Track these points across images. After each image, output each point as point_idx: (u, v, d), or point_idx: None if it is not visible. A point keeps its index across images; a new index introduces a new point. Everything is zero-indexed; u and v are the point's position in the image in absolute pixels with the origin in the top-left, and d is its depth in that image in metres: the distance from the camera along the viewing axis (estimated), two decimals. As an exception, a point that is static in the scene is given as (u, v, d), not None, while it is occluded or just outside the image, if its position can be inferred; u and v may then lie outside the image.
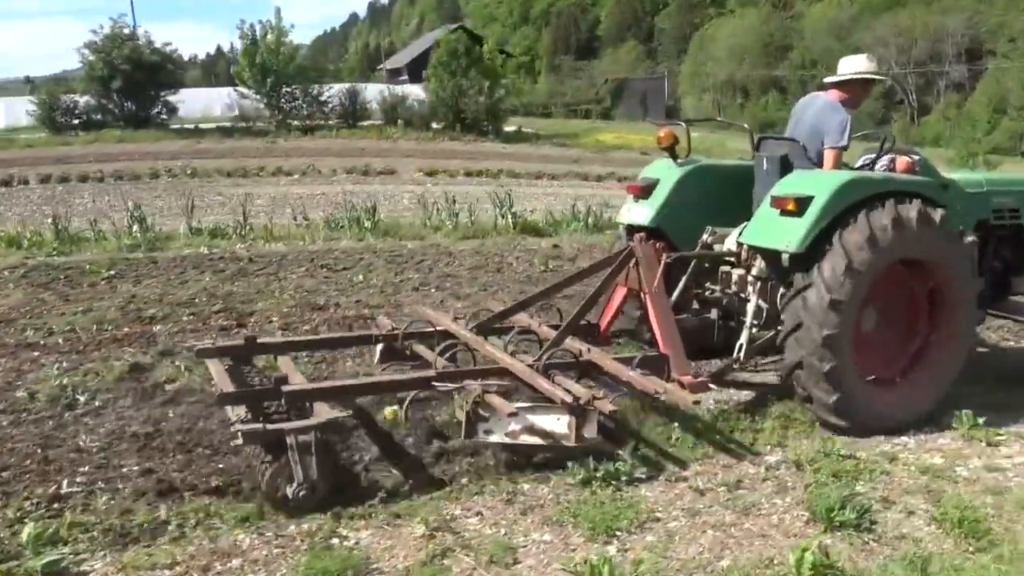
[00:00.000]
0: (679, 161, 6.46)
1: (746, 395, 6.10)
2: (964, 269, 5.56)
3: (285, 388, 4.94)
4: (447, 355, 5.69)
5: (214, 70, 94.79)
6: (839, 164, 5.87)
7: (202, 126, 42.99)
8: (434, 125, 45.75)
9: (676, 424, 5.50)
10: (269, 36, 45.31)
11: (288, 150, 34.03)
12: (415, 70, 75.35)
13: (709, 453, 5.18)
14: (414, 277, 10.48)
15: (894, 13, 71.03)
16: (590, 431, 4.77)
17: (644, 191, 6.46)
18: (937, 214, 5.34)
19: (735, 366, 5.72)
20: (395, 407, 5.54)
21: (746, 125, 6.90)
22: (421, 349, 5.96)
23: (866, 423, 5.29)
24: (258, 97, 44.80)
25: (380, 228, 13.85)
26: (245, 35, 45.48)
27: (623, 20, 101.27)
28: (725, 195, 6.37)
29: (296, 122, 44.15)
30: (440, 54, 48.26)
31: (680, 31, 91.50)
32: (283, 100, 45.31)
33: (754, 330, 5.69)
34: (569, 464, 4.80)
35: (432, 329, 6.15)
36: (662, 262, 5.75)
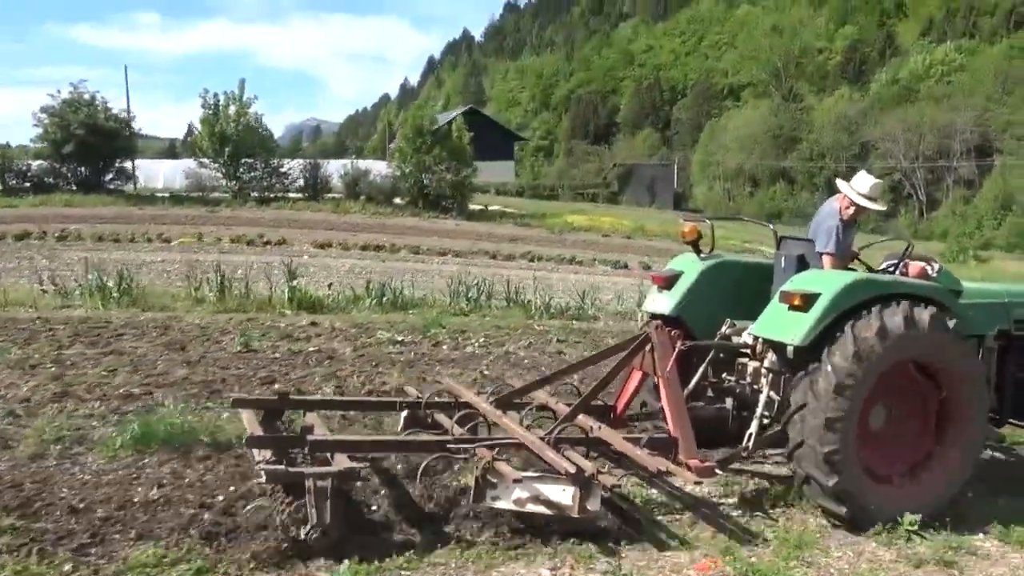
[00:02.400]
0: (702, 255, 6.61)
1: (753, 483, 6.15)
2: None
3: (310, 437, 5.18)
4: (468, 426, 5.85)
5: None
6: (838, 266, 6.02)
7: (159, 194, 43.71)
8: (397, 201, 45.77)
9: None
10: (231, 107, 45.42)
11: (224, 219, 34.78)
12: None
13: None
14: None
15: (904, 108, 71.95)
16: (593, 504, 4.84)
17: (667, 282, 6.61)
18: (942, 318, 5.41)
19: (743, 454, 5.77)
20: None
21: (770, 225, 7.06)
22: (442, 418, 6.13)
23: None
24: (216, 166, 44.80)
25: (132, 296, 13.20)
26: (207, 104, 45.50)
27: (641, 109, 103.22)
28: (745, 290, 6.50)
29: (255, 193, 44.29)
30: (406, 131, 47.84)
31: (695, 121, 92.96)
32: (241, 171, 45.35)
33: (765, 421, 5.75)
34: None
35: (453, 400, 6.30)
36: (676, 348, 5.85)
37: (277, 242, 28.35)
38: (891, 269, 6.28)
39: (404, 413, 6.36)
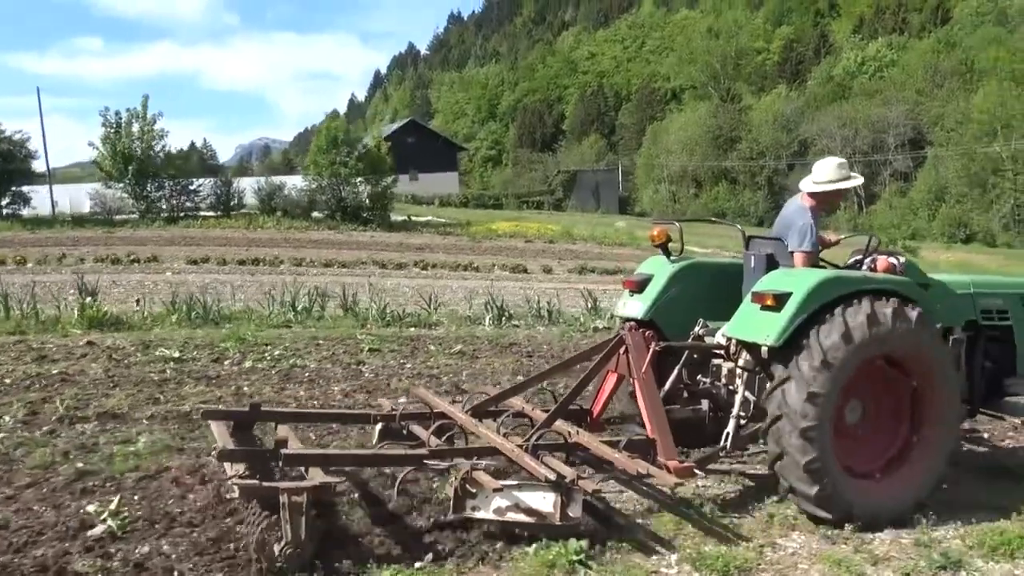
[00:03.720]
0: (672, 258, 6.57)
1: (732, 483, 6.12)
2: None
3: (284, 451, 5.03)
4: (443, 436, 5.77)
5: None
6: (808, 265, 6.00)
7: (65, 218, 42.40)
8: (316, 215, 44.89)
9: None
10: (135, 125, 43.97)
11: (115, 239, 34.10)
12: None
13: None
14: None
15: (838, 105, 73.32)
16: (575, 510, 4.77)
17: (639, 286, 6.56)
18: (913, 312, 5.41)
19: (721, 454, 5.73)
20: None
21: (737, 225, 7.05)
22: (417, 429, 6.01)
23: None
24: (121, 187, 43.33)
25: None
26: (108, 123, 43.79)
27: (587, 115, 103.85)
28: (716, 291, 6.46)
29: (165, 212, 43.26)
30: (320, 142, 46.66)
31: (640, 125, 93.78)
32: (149, 190, 44.06)
33: (741, 420, 5.72)
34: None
35: (428, 411, 6.17)
36: (651, 350, 5.80)
37: (147, 259, 27.53)
38: (860, 264, 6.28)
39: (378, 426, 6.23)
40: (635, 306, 6.51)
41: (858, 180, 6.44)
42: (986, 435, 7.92)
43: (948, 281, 6.43)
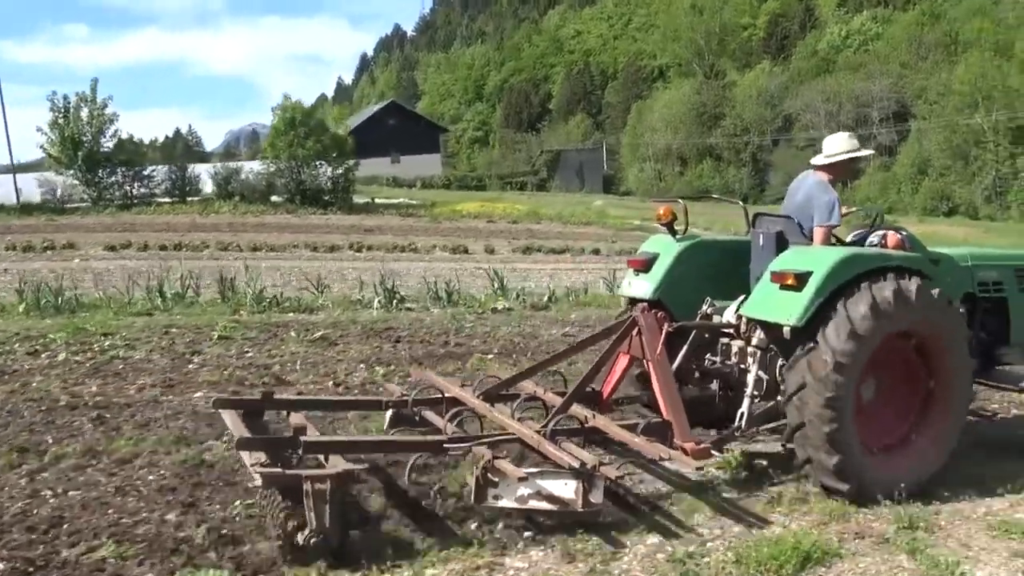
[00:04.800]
0: (678, 236, 6.48)
1: (747, 463, 5.99)
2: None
3: (303, 438, 5.00)
4: (455, 421, 5.69)
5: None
6: (828, 240, 5.94)
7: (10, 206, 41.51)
8: (275, 199, 44.10)
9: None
10: (84, 109, 42.78)
11: (54, 226, 33.56)
12: None
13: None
14: None
15: (822, 79, 72.97)
16: (597, 496, 4.70)
17: (645, 265, 6.47)
18: (931, 288, 5.38)
19: (736, 434, 5.67)
20: None
21: (740, 203, 6.95)
22: (430, 415, 5.95)
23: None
24: (71, 173, 42.26)
25: None
26: (56, 107, 42.45)
27: (573, 95, 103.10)
28: (722, 269, 6.40)
29: (119, 199, 42.37)
30: (277, 124, 45.59)
31: (626, 104, 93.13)
32: (101, 176, 43.01)
33: (755, 400, 5.65)
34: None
35: (440, 396, 6.09)
36: (664, 331, 5.72)
37: (63, 246, 26.61)
38: (863, 241, 6.22)
39: (389, 412, 6.16)
40: (642, 286, 6.43)
41: (869, 151, 6.38)
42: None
43: (947, 254, 6.44)
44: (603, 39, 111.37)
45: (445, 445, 5.18)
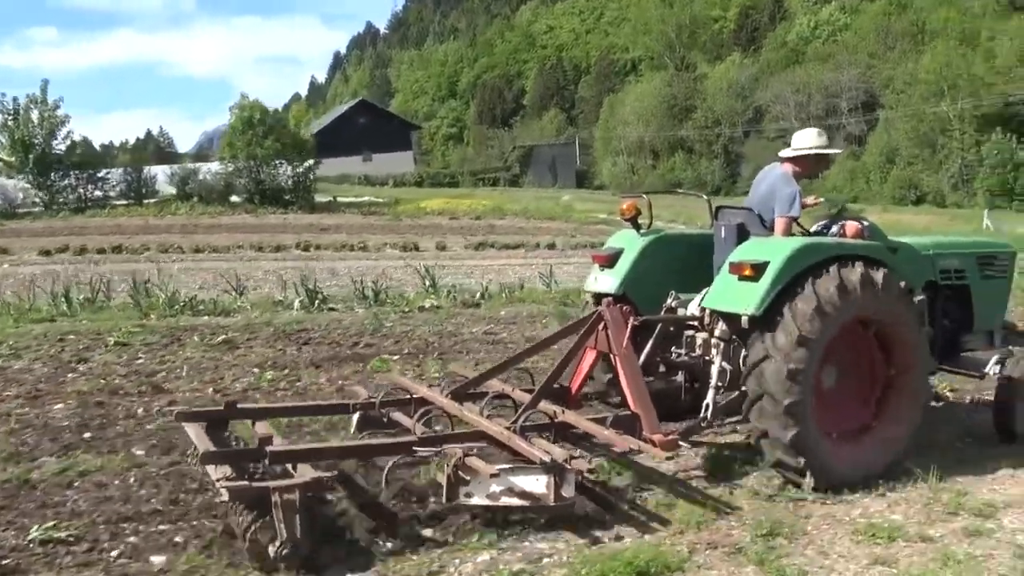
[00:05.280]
0: (642, 231, 6.51)
1: (713, 452, 6.11)
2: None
3: (269, 448, 4.89)
4: (423, 421, 5.63)
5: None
6: (789, 231, 6.00)
7: None
8: (235, 199, 43.52)
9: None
10: (34, 112, 41.90)
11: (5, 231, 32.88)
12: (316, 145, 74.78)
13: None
14: None
15: (791, 71, 73.35)
16: (568, 491, 4.71)
17: (609, 260, 6.50)
18: (886, 275, 5.44)
19: (703, 424, 5.72)
20: None
21: (704, 196, 7.00)
22: (399, 416, 5.90)
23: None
24: (22, 177, 41.43)
25: None
26: (5, 110, 41.67)
27: (546, 90, 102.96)
28: (686, 262, 6.46)
29: (72, 203, 41.65)
30: (235, 124, 44.83)
31: (599, 98, 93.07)
32: (54, 179, 42.24)
33: (720, 390, 5.70)
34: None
35: (408, 397, 6.06)
36: (629, 325, 5.75)
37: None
38: (826, 231, 6.31)
39: (357, 415, 6.09)
40: (607, 281, 6.47)
41: (837, 149, 6.45)
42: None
43: (909, 243, 6.56)
44: (575, 34, 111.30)
45: (415, 446, 5.14)
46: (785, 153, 6.31)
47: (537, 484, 4.69)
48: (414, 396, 6.04)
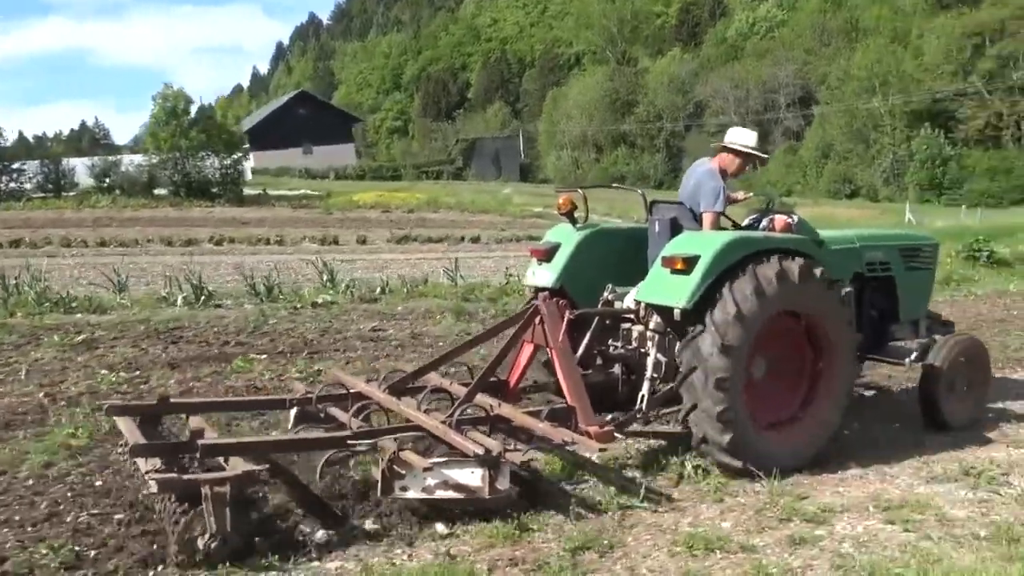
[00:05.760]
0: (578, 226, 6.55)
1: (650, 444, 6.18)
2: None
3: (201, 442, 4.85)
4: (361, 416, 5.63)
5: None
6: (716, 225, 6.10)
7: None
8: (161, 192, 42.61)
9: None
10: None
11: None
12: (255, 136, 72.68)
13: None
14: None
15: (730, 66, 74.52)
16: (503, 483, 4.73)
17: (547, 254, 6.53)
18: (813, 268, 5.58)
19: (638, 416, 5.78)
20: None
21: (639, 191, 7.06)
22: (336, 411, 5.88)
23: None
24: None
25: None
26: None
27: (491, 83, 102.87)
28: (622, 256, 6.52)
29: None
30: (157, 114, 43.53)
31: (543, 92, 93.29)
32: None
33: (655, 382, 5.77)
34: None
35: (346, 392, 6.02)
36: (565, 318, 5.80)
37: None
38: (756, 225, 6.43)
39: (294, 410, 6.03)
40: (544, 275, 6.50)
41: (764, 155, 6.56)
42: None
43: (836, 236, 6.71)
44: (520, 27, 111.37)
45: (350, 440, 5.11)
46: (715, 144, 6.41)
47: (472, 477, 4.71)
48: (351, 391, 6.00)
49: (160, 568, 4.25)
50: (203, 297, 12.47)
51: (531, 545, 4.55)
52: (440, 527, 4.76)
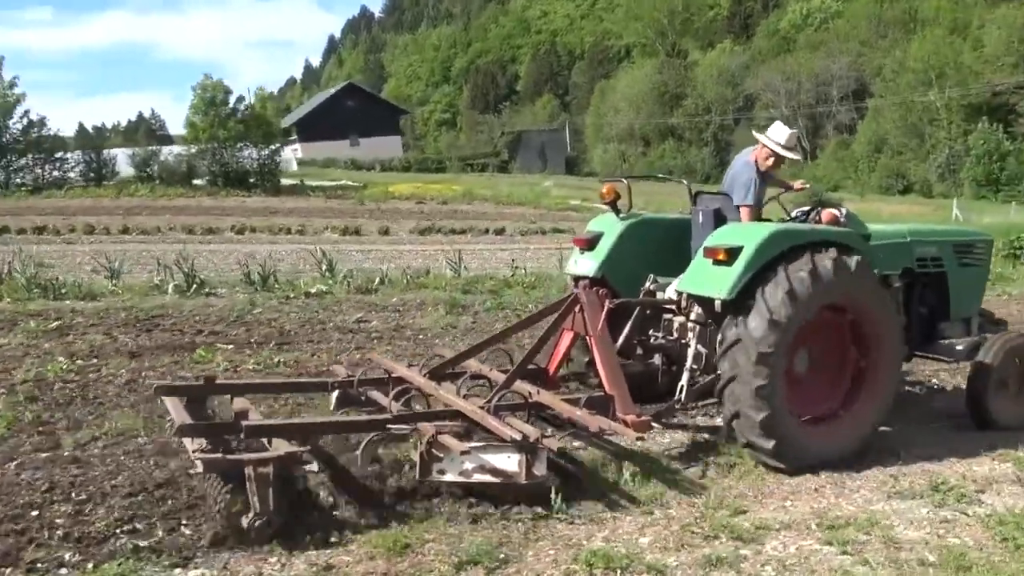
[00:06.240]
0: (621, 215, 6.51)
1: (689, 435, 6.14)
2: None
3: (245, 423, 4.94)
4: (402, 400, 5.67)
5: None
6: (751, 218, 6.03)
7: None
8: (198, 182, 42.87)
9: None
10: None
11: None
12: (303, 128, 74.14)
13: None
14: None
15: (782, 59, 73.10)
16: (540, 468, 4.74)
17: (589, 244, 6.51)
18: (857, 261, 5.46)
19: (677, 407, 5.74)
20: None
21: (684, 181, 7.00)
22: (376, 395, 5.94)
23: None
24: None
25: None
26: None
27: (540, 76, 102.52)
28: (665, 246, 6.48)
29: (29, 184, 41.25)
30: (197, 104, 43.83)
31: (592, 84, 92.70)
32: (10, 160, 42.06)
33: (695, 373, 5.72)
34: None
35: (386, 376, 6.08)
36: (605, 307, 5.78)
37: None
38: (803, 217, 6.33)
39: (335, 393, 6.12)
40: (586, 264, 6.49)
41: (795, 156, 6.43)
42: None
43: (887, 231, 6.58)
44: (570, 19, 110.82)
45: (389, 424, 5.16)
46: (759, 138, 6.32)
47: (509, 462, 4.72)
48: (392, 375, 6.05)
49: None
50: (195, 285, 12.36)
51: (417, 558, 4.18)
52: (335, 535, 4.42)
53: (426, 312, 11.03)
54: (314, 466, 4.91)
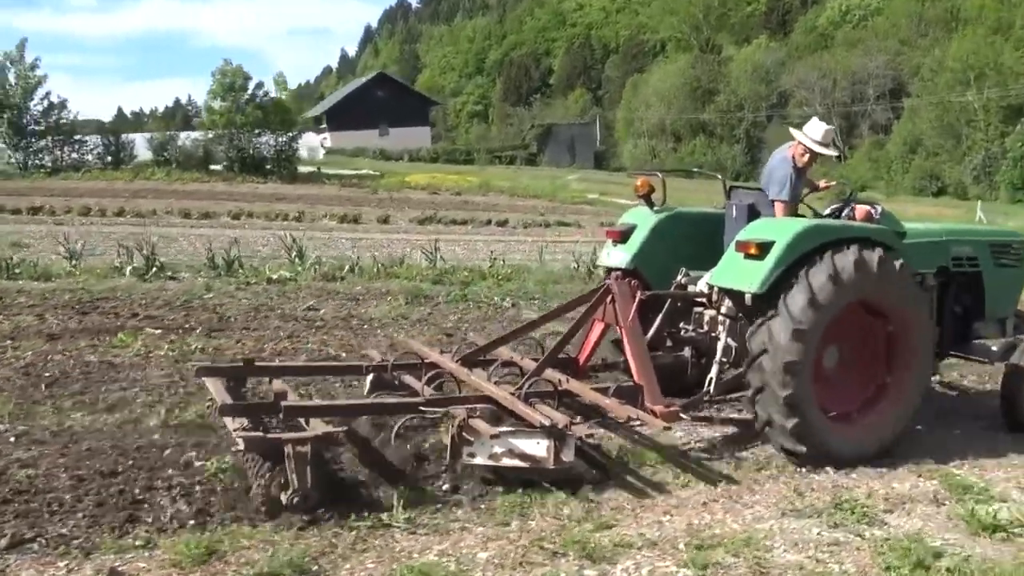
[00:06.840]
0: (655, 208, 6.54)
1: (715, 427, 6.19)
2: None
3: (284, 403, 5.13)
4: (433, 385, 5.78)
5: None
6: (786, 213, 6.02)
7: None
8: (215, 167, 43.03)
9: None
10: (10, 71, 41.78)
11: None
12: (332, 116, 74.49)
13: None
14: None
15: (818, 56, 71.98)
16: (568, 455, 4.82)
17: (622, 236, 6.55)
18: (891, 259, 5.45)
19: (705, 399, 5.78)
20: None
21: (718, 176, 7.01)
22: (409, 379, 6.06)
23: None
24: None
25: None
26: None
27: (573, 69, 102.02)
28: (698, 240, 6.49)
29: (48, 165, 41.51)
30: (215, 89, 44.19)
31: (625, 79, 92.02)
32: (30, 141, 42.30)
33: (724, 367, 5.75)
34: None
35: (420, 361, 6.18)
36: (636, 298, 5.82)
37: None
38: (837, 214, 6.32)
39: (370, 376, 6.23)
40: (619, 256, 6.52)
41: (831, 152, 6.41)
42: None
43: (922, 229, 6.54)
44: (605, 12, 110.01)
45: (422, 407, 5.29)
46: (795, 134, 6.31)
47: (538, 447, 4.80)
48: (425, 360, 6.16)
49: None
50: (154, 269, 12.23)
51: (216, 567, 3.87)
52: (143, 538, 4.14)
53: (384, 301, 10.77)
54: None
